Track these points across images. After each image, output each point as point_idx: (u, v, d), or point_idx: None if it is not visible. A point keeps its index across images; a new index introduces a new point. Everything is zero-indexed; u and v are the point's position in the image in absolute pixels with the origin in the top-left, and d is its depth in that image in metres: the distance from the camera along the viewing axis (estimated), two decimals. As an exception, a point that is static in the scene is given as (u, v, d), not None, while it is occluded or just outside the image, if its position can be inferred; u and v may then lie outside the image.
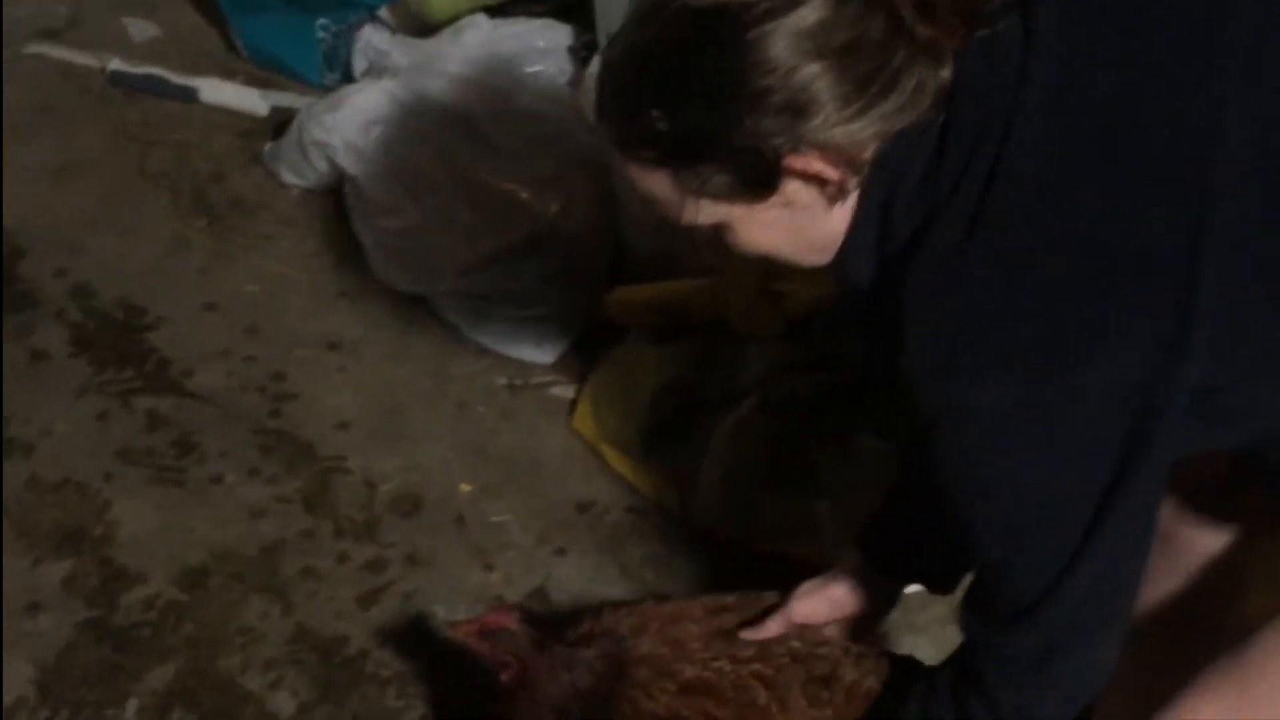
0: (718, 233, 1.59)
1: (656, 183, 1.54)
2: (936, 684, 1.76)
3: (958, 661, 1.75)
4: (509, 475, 2.85)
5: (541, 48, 3.19)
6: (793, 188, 1.50)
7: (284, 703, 2.46)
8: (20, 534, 2.65)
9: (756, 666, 2.02)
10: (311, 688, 2.48)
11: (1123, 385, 1.44)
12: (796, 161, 1.46)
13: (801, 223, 1.55)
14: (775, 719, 2.00)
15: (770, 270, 2.85)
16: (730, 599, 2.12)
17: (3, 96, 3.51)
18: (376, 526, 2.74)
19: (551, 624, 2.07)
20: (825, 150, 1.45)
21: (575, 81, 3.16)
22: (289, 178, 3.31)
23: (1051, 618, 1.58)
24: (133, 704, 2.44)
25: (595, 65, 2.85)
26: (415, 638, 2.56)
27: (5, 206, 3.24)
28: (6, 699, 2.37)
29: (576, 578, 2.69)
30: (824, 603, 2.03)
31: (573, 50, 3.24)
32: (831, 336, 2.78)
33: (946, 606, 2.62)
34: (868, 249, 1.56)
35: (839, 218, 1.55)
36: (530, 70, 3.17)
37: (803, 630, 2.06)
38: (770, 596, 2.12)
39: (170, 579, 2.62)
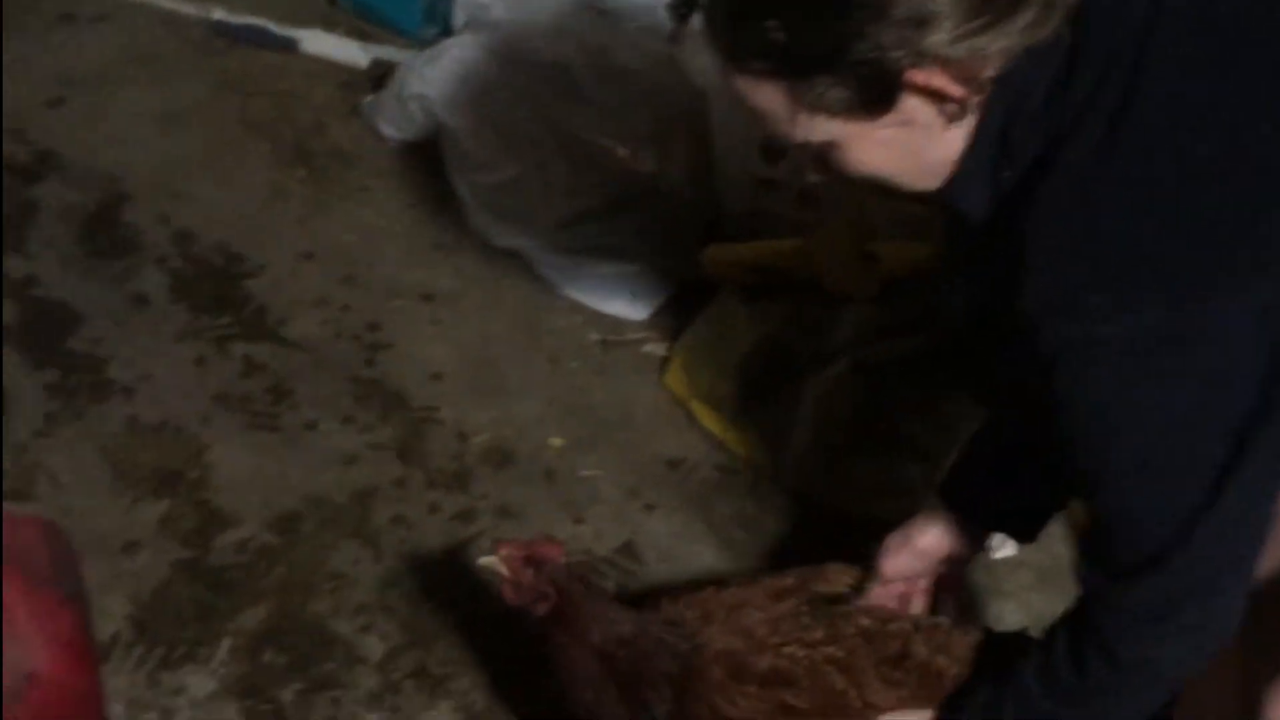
0: (827, 152, 1.54)
1: (767, 96, 1.50)
2: (1052, 639, 1.71)
3: (1073, 615, 1.69)
4: (600, 430, 2.86)
5: (641, 3, 3.18)
6: (911, 105, 1.46)
7: (372, 647, 2.49)
8: (119, 474, 2.68)
9: (830, 650, 1.99)
10: (400, 633, 2.50)
11: (1265, 311, 1.40)
12: (917, 76, 1.42)
13: (917, 143, 1.51)
14: (853, 703, 1.97)
15: (866, 231, 2.84)
16: (789, 580, 2.09)
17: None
18: (467, 478, 2.76)
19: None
20: (947, 65, 1.41)
21: (674, 37, 3.15)
22: (387, 130, 3.32)
23: (1179, 565, 1.52)
24: (225, 643, 2.48)
25: (696, 21, 2.84)
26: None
27: (112, 152, 3.27)
28: (103, 635, 2.40)
29: (665, 534, 2.70)
30: (910, 556, 2.01)
31: (672, 6, 3.22)
32: (927, 299, 2.77)
33: (1033, 573, 2.62)
34: (983, 173, 1.52)
35: (955, 139, 1.51)
36: (629, 26, 3.17)
37: (869, 607, 2.04)
38: (833, 569, 2.11)
39: (264, 523, 2.65)
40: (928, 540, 2.00)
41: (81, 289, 3.00)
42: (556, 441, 2.83)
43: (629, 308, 3.06)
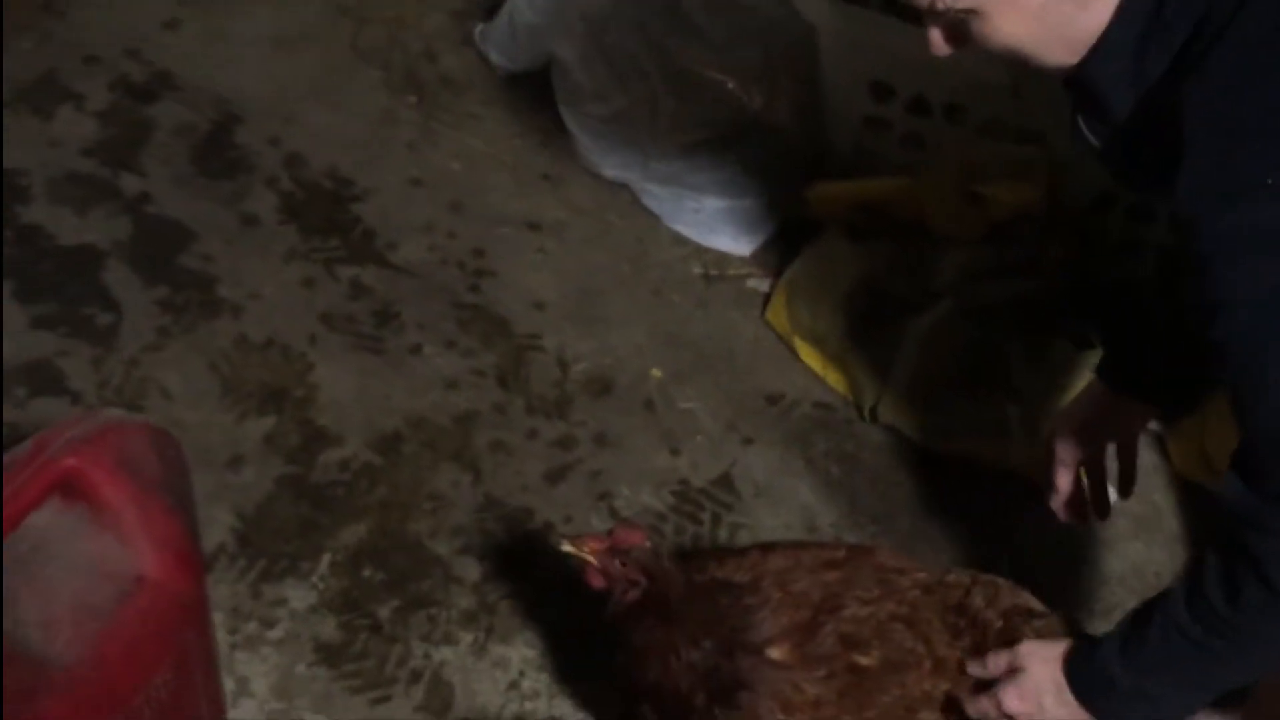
0: (967, 22, 1.52)
1: None
2: (1202, 566, 1.62)
3: (1224, 540, 1.59)
4: (700, 363, 2.87)
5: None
6: None
7: (469, 568, 2.52)
8: (227, 390, 2.73)
9: (892, 606, 1.98)
10: (497, 556, 2.53)
11: None
12: None
13: (1064, 11, 1.48)
14: (922, 660, 1.96)
15: (972, 172, 2.82)
16: (841, 553, 2.07)
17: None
18: (567, 405, 2.78)
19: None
20: None
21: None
22: (498, 59, 3.34)
23: None
24: (325, 559, 2.52)
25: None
26: (600, 515, 2.61)
27: (226, 74, 3.31)
28: (208, 545, 2.44)
29: (762, 467, 2.71)
30: (1080, 437, 1.98)
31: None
32: (1033, 242, 2.75)
33: (1131, 522, 2.61)
34: (1127, 48, 1.47)
35: (1102, 10, 1.47)
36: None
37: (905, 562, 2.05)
38: (883, 553, 2.09)
39: (366, 442, 2.69)
40: (1093, 418, 1.97)
41: (193, 207, 3.04)
42: (656, 372, 2.84)
43: (733, 242, 3.06)
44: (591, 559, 1.89)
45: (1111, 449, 2.02)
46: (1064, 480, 2.00)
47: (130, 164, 3.10)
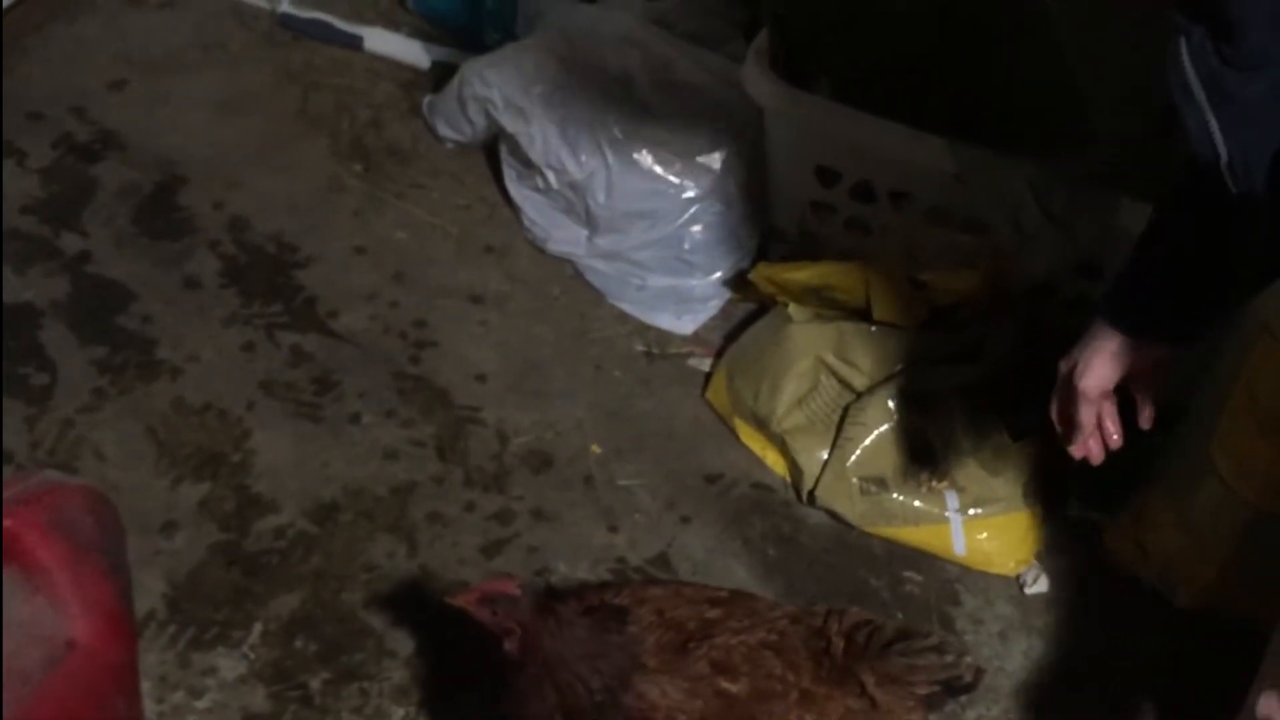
0: None
1: None
2: None
3: None
4: (640, 441, 2.87)
5: (704, 17, 3.20)
6: None
7: (403, 642, 2.50)
8: (163, 454, 2.70)
9: (762, 634, 2.05)
10: (432, 629, 2.51)
11: None
12: None
13: None
14: (791, 688, 2.02)
15: (915, 259, 2.84)
16: (724, 594, 2.14)
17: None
18: (506, 479, 2.77)
19: (549, 597, 2.05)
20: None
21: (737, 55, 3.17)
22: (445, 131, 3.34)
23: None
24: (257, 628, 2.49)
25: (759, 40, 2.86)
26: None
27: (171, 136, 3.30)
28: (138, 611, 2.41)
29: (699, 547, 2.70)
30: (1108, 362, 1.98)
31: (737, 23, 3.25)
32: (975, 329, 2.77)
33: (1066, 610, 2.61)
34: None
35: None
36: (692, 39, 3.18)
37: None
38: (764, 600, 2.17)
39: (302, 510, 2.67)
40: (1116, 347, 1.98)
41: (134, 268, 3.03)
42: (596, 449, 2.84)
43: (676, 320, 3.07)
44: (470, 610, 1.95)
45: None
46: (1089, 417, 2.02)
47: (71, 223, 3.09)
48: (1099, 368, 1.99)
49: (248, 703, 2.40)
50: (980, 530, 2.70)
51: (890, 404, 2.73)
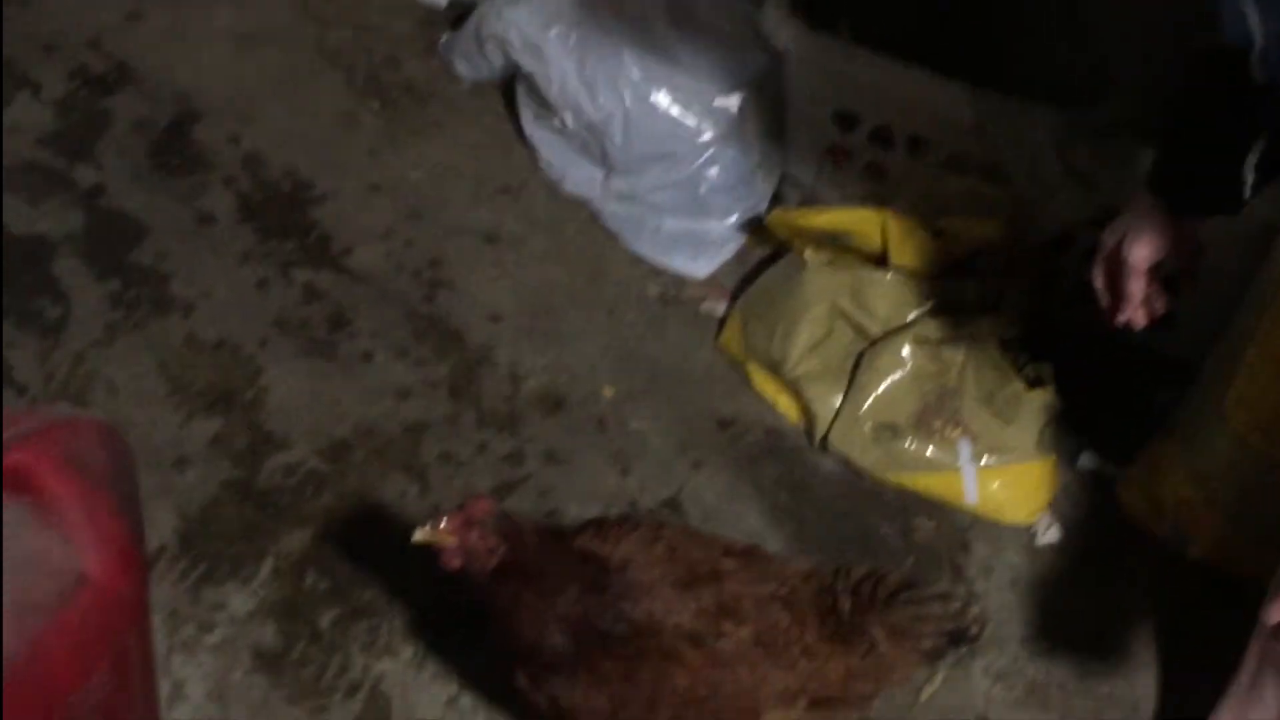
0: None
1: None
2: None
3: None
4: (653, 384, 2.86)
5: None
6: None
7: (413, 580, 2.49)
8: (175, 389, 2.71)
9: (773, 586, 2.05)
10: (442, 569, 2.51)
11: None
12: None
13: None
14: (794, 642, 2.02)
15: (934, 206, 2.83)
16: (740, 545, 2.13)
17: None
18: (518, 420, 2.77)
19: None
20: None
21: (757, -1, 3.15)
22: (462, 69, 3.32)
23: None
24: (268, 564, 2.50)
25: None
26: (547, 532, 2.59)
27: (187, 69, 3.28)
28: (150, 545, 2.41)
29: (710, 491, 2.70)
30: (1156, 234, 2.02)
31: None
32: (993, 277, 2.76)
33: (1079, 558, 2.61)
34: None
35: None
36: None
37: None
38: (779, 558, 2.16)
39: (314, 448, 2.67)
40: (1161, 222, 2.01)
41: (149, 203, 3.02)
42: (609, 391, 2.83)
43: (691, 264, 3.06)
44: (450, 539, 1.92)
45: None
46: (1137, 288, 2.05)
47: (86, 156, 3.08)
48: (1149, 239, 2.02)
49: (258, 638, 2.41)
50: (993, 479, 2.69)
51: (905, 351, 2.72)
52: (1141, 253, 2.03)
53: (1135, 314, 2.10)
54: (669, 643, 1.98)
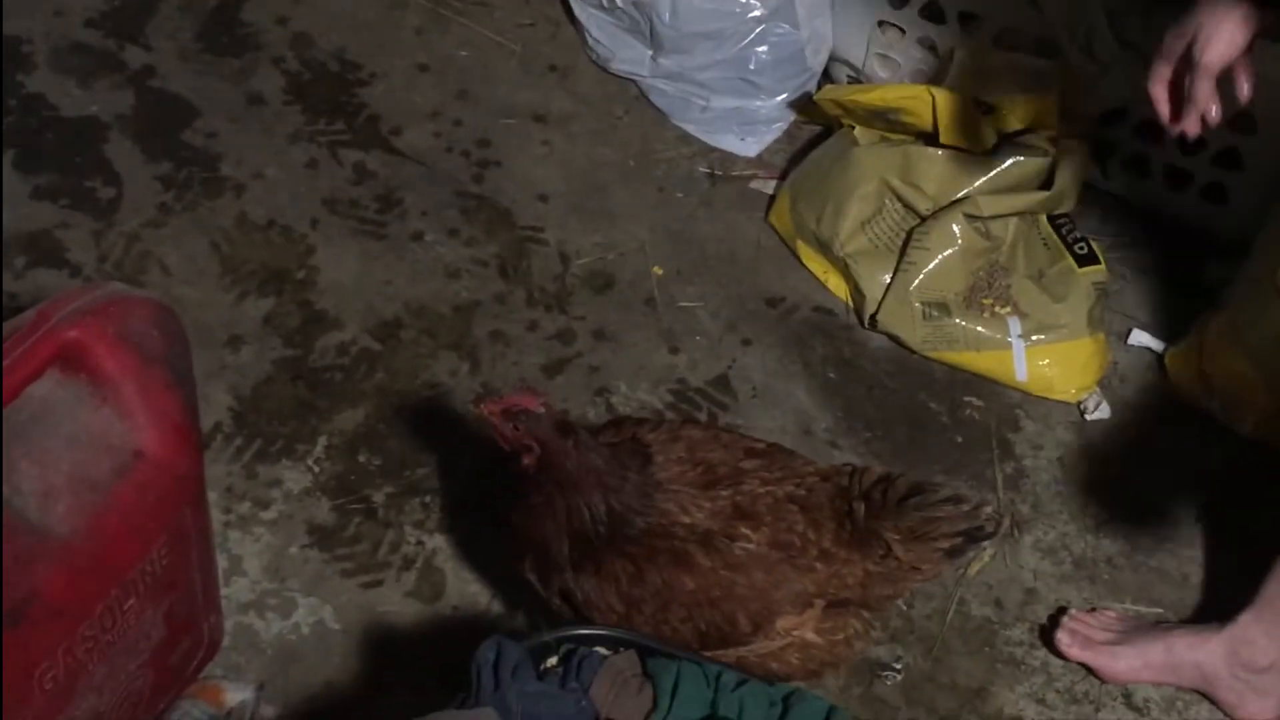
0: None
1: None
2: None
3: None
4: (702, 263, 2.86)
5: None
6: None
7: (465, 458, 2.52)
8: (226, 269, 2.72)
9: (790, 487, 2.04)
10: (494, 446, 2.52)
11: None
12: None
13: None
14: (811, 545, 2.02)
15: (983, 82, 2.80)
16: (762, 445, 2.12)
17: None
18: (568, 299, 2.77)
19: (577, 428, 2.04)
20: None
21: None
22: (510, -53, 3.30)
23: None
24: (321, 441, 2.52)
25: None
26: (597, 410, 2.61)
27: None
28: (204, 424, 2.44)
29: (759, 369, 2.71)
30: (1235, 31, 1.99)
31: None
32: (1044, 154, 2.74)
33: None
34: None
35: None
36: None
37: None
38: (800, 456, 2.13)
39: (365, 327, 2.68)
40: (1236, 24, 1.99)
41: (198, 83, 3.02)
42: (658, 270, 2.84)
43: (740, 143, 3.05)
44: (493, 420, 1.94)
45: None
46: (1207, 89, 2.01)
47: (135, 37, 3.08)
48: (1227, 36, 1.98)
49: (312, 514, 2.44)
50: (1042, 357, 2.69)
51: (955, 228, 2.71)
52: (1218, 50, 1.98)
53: (1193, 122, 2.05)
54: (680, 545, 1.99)
